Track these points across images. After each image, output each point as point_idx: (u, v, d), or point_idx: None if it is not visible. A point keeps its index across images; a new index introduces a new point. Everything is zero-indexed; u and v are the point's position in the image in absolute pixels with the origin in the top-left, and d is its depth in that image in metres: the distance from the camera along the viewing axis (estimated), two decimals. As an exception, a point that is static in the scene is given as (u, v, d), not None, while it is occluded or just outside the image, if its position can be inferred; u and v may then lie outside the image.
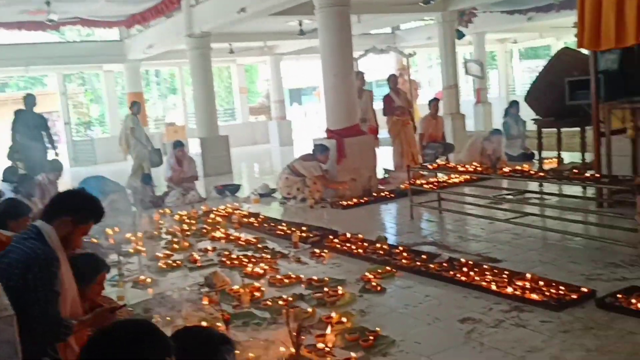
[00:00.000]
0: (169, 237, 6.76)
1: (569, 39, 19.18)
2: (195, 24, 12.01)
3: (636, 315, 3.42)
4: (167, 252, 6.02)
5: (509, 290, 3.96)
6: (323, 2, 8.22)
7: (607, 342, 3.16)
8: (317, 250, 5.55)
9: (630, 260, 4.42)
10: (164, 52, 15.06)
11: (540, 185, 7.34)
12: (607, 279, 4.14)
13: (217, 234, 6.61)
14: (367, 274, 4.68)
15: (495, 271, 4.37)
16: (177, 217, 7.78)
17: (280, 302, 4.14)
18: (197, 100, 12.88)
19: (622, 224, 4.97)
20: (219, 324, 3.72)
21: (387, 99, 9.76)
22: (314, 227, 6.46)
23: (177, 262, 5.58)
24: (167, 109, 23.67)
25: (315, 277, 4.70)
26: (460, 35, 13.30)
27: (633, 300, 3.56)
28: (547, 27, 17.92)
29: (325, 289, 4.35)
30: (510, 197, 6.70)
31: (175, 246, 6.20)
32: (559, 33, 20.00)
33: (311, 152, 8.29)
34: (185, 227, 7.03)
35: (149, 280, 5.00)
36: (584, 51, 6.73)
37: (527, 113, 9.40)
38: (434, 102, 10.44)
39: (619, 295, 3.66)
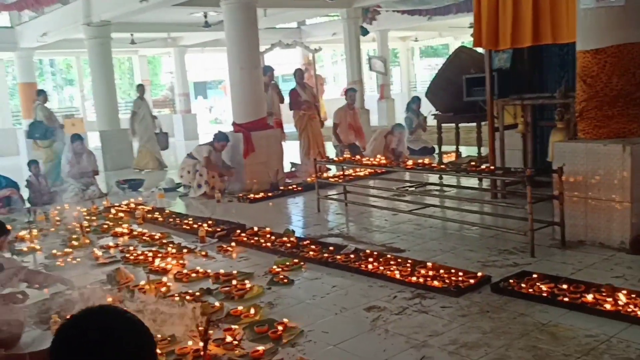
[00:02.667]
0: (67, 234, 6.44)
1: (466, 39, 20.13)
2: (94, 11, 11.49)
3: (526, 298, 3.66)
4: (66, 249, 5.74)
5: (412, 278, 4.11)
6: (229, -6, 8.13)
7: (501, 323, 3.37)
8: (224, 245, 5.50)
9: (521, 247, 4.72)
10: (60, 40, 14.29)
11: (440, 178, 7.68)
12: (500, 265, 4.40)
13: (120, 230, 6.38)
14: (274, 266, 4.69)
15: (399, 260, 4.52)
16: (76, 213, 7.42)
17: (188, 298, 4.06)
18: (96, 92, 12.33)
19: (514, 214, 5.29)
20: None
21: (293, 93, 9.80)
22: (221, 222, 6.39)
23: (77, 259, 5.33)
24: (62, 100, 22.48)
25: (222, 271, 4.65)
26: (365, 32, 13.61)
27: (523, 285, 3.81)
28: (445, 26, 18.71)
29: (233, 283, 4.32)
30: (412, 189, 6.94)
31: (75, 243, 5.92)
32: (457, 33, 20.96)
33: (212, 139, 8.34)
34: (85, 223, 6.73)
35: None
36: (480, 50, 7.08)
37: (427, 108, 9.78)
38: (350, 93, 10.55)
39: (511, 280, 3.91)
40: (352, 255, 4.77)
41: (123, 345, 1.43)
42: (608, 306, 3.38)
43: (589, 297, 3.51)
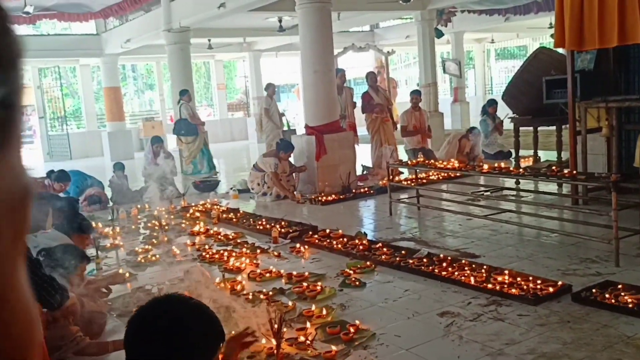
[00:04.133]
0: (147, 232, 6.70)
1: (545, 40, 19.47)
2: (175, 18, 11.92)
3: (610, 309, 3.49)
4: (146, 247, 5.97)
5: (487, 285, 4.01)
6: (303, -1, 8.23)
7: (582, 335, 3.23)
8: (296, 246, 5.56)
9: (605, 256, 4.51)
10: (142, 46, 14.91)
11: (517, 183, 7.46)
12: (582, 274, 4.22)
13: (196, 229, 6.58)
14: (346, 269, 4.70)
15: (474, 266, 4.42)
16: (155, 212, 7.72)
17: (261, 297, 4.13)
18: (175, 96, 12.77)
19: (597, 221, 5.06)
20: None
21: (365, 97, 9.80)
22: (294, 223, 6.47)
23: (156, 256, 5.54)
24: (143, 104, 23.45)
25: (295, 272, 4.71)
26: (439, 34, 13.41)
27: (607, 295, 3.64)
28: (524, 27, 18.16)
29: (305, 284, 4.36)
30: (487, 194, 6.77)
31: (154, 241, 6.16)
32: (535, 33, 20.29)
33: (275, 148, 8.45)
34: (163, 222, 6.98)
35: (127, 274, 4.95)
36: (560, 51, 6.83)
37: (504, 111, 9.52)
38: (414, 95, 10.46)
39: (593, 290, 3.74)
40: (424, 260, 4.71)
41: (190, 331, 1.48)
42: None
43: (680, 310, 3.31)
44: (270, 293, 4.23)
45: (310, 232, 5.92)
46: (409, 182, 7.78)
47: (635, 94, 6.42)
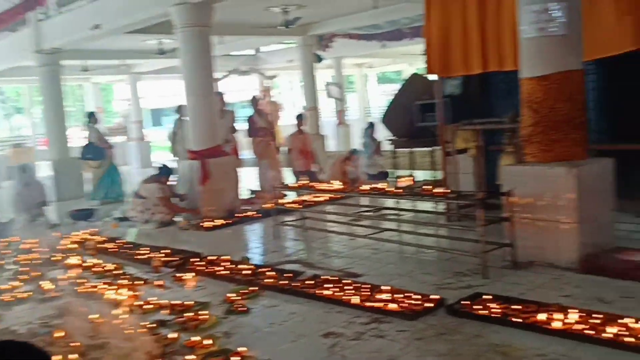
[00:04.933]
0: (16, 267, 6.23)
1: (420, 65, 20.59)
2: (45, 39, 11.31)
3: (480, 319, 3.73)
4: (13, 283, 5.55)
5: (369, 303, 4.13)
6: (183, 22, 8.13)
7: (456, 345, 3.41)
8: (179, 274, 5.42)
9: (475, 269, 4.80)
10: (9, 68, 13.98)
11: (397, 202, 7.77)
12: (455, 287, 4.47)
13: (72, 261, 6.22)
14: (231, 295, 4.65)
15: (356, 285, 4.54)
16: (26, 245, 7.20)
17: (142, 330, 3.97)
18: (47, 120, 12.08)
19: (468, 236, 5.39)
20: (71, 356, 3.50)
21: (251, 120, 9.83)
22: (177, 251, 6.30)
23: (25, 293, 5.16)
24: (12, 129, 21.94)
25: (178, 302, 4.58)
26: (319, 59, 13.78)
27: (477, 306, 3.88)
28: (399, 53, 19.11)
29: (189, 313, 4.25)
30: (369, 213, 7.00)
31: (24, 276, 5.73)
32: (411, 59, 21.41)
33: (156, 173, 8.29)
34: (34, 255, 6.52)
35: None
36: (432, 77, 7.27)
37: (383, 133, 9.93)
38: (299, 119, 10.66)
39: (465, 302, 3.97)
40: (309, 282, 4.76)
41: None
42: (558, 325, 3.46)
43: (540, 316, 3.59)
44: (152, 325, 4.07)
45: (194, 260, 5.79)
46: (294, 204, 7.86)
47: (498, 117, 6.95)
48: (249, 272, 5.21)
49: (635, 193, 6.21)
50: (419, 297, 4.14)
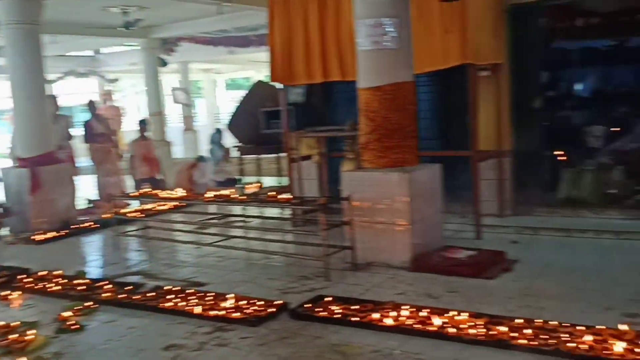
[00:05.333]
0: None
1: (267, 73, 20.84)
2: None
3: (321, 321, 3.84)
4: None
5: (212, 312, 4.08)
6: (9, 18, 7.47)
7: (297, 348, 3.47)
8: (4, 293, 4.94)
9: (318, 272, 4.94)
10: None
11: (244, 209, 7.78)
12: (298, 291, 4.56)
13: None
14: (64, 312, 4.33)
15: (200, 295, 4.45)
16: None
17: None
18: None
19: (312, 240, 5.53)
20: None
21: (87, 126, 9.28)
22: (2, 267, 5.74)
23: None
24: None
25: (2, 323, 4.17)
26: (164, 63, 13.41)
27: (318, 309, 3.99)
28: (246, 60, 19.18)
29: (14, 335, 3.89)
30: (213, 221, 6.93)
31: None
32: (259, 67, 21.58)
33: None
34: None
35: None
36: (277, 84, 7.38)
37: (231, 140, 9.89)
38: (142, 124, 10.27)
39: (307, 305, 4.07)
40: (150, 294, 4.59)
41: None
42: (391, 321, 3.67)
43: (376, 314, 3.78)
44: (-32, 352, 3.67)
45: (22, 276, 5.32)
46: (136, 213, 7.55)
47: (339, 125, 7.23)
48: (84, 287, 4.90)
49: (460, 196, 6.80)
50: (263, 303, 4.16)
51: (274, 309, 4.06)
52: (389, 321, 3.68)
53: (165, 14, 11.19)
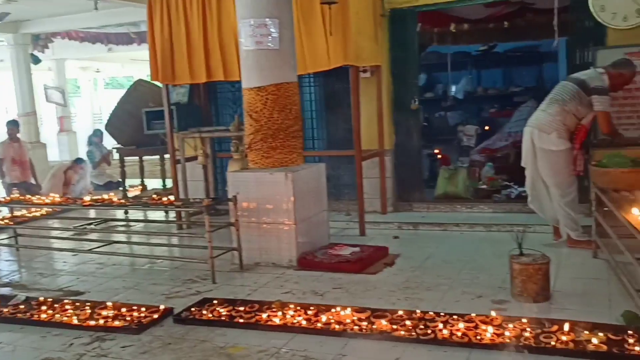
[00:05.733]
0: None
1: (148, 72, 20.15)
2: None
3: (207, 324, 3.78)
4: None
5: (90, 322, 3.89)
6: None
7: (181, 354, 3.39)
8: None
9: (204, 275, 4.86)
10: None
11: (126, 213, 7.49)
12: (184, 295, 4.46)
13: None
14: None
15: (77, 304, 4.23)
16: None
17: None
18: None
19: (198, 243, 5.44)
20: None
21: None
22: None
23: None
24: None
25: None
26: (36, 61, 12.59)
27: (204, 312, 3.93)
28: (127, 58, 18.45)
29: None
30: (94, 226, 6.61)
31: None
32: (140, 65, 20.83)
33: None
34: None
35: None
36: (159, 84, 7.18)
37: (112, 141, 9.46)
38: (11, 125, 9.55)
39: (192, 309, 3.99)
40: (22, 306, 4.29)
41: None
42: (277, 320, 3.69)
43: (263, 315, 3.79)
44: None
45: None
46: (5, 221, 7.01)
47: (225, 125, 7.17)
48: (-55, 302, 4.48)
49: (344, 194, 6.99)
50: (145, 309, 4.03)
51: (157, 315, 3.94)
52: (275, 321, 3.69)
53: (37, 8, 10.50)
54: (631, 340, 3.08)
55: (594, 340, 3.09)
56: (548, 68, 12.45)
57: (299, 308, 3.85)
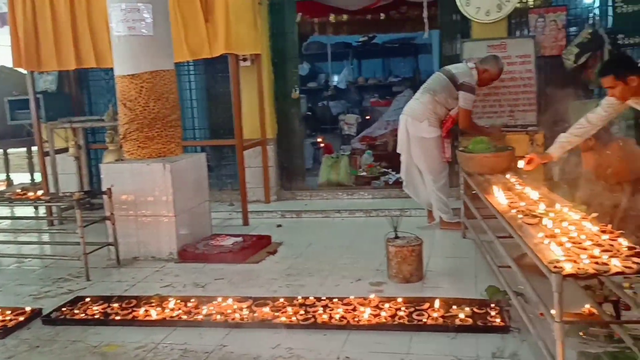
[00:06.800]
0: None
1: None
2: None
3: (80, 323, 3.59)
4: None
5: (-53, 329, 3.57)
6: None
7: (52, 356, 3.21)
8: None
9: (77, 273, 4.62)
10: None
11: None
12: (54, 294, 4.21)
13: None
14: None
15: None
16: None
17: None
18: None
19: (70, 240, 5.14)
20: None
21: None
22: None
23: None
24: None
25: None
26: None
27: (77, 311, 3.74)
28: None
29: None
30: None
31: None
32: (2, 50, 19.28)
33: None
34: None
35: None
36: (22, 71, 6.68)
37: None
38: None
39: (64, 309, 3.78)
40: None
41: None
42: (155, 315, 3.59)
43: (140, 310, 3.66)
44: None
45: None
46: None
47: (98, 115, 6.82)
48: None
49: (227, 184, 6.93)
50: (10, 312, 3.76)
51: (24, 317, 3.69)
52: (153, 315, 3.59)
53: None
54: (493, 313, 3.32)
55: (461, 315, 3.30)
56: (423, 59, 13.06)
57: (178, 301, 3.77)
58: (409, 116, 5.28)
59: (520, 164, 4.16)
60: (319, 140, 8.73)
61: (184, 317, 3.56)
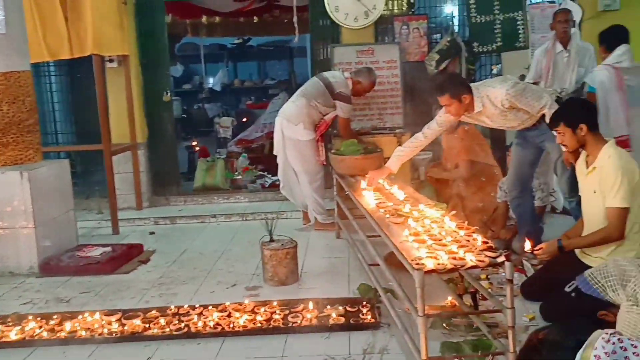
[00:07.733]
0: None
1: None
2: None
3: None
4: None
5: None
6: None
7: None
8: None
9: None
10: None
11: None
12: None
13: None
14: None
15: None
16: None
17: None
18: None
19: None
20: None
21: None
22: None
23: None
24: None
25: None
26: None
27: None
28: None
29: None
30: None
31: None
32: None
33: None
34: None
35: None
36: None
37: None
38: None
39: None
40: None
41: None
42: (13, 336, 3.32)
43: (-6, 332, 3.38)
44: None
45: None
46: None
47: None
48: None
49: (95, 191, 6.58)
50: None
51: None
52: (11, 336, 3.32)
53: None
54: (365, 310, 3.43)
55: (334, 314, 3.38)
56: (298, 62, 13.25)
57: (39, 319, 3.52)
58: (285, 119, 5.31)
59: (363, 184, 4.30)
60: (194, 143, 8.55)
61: (45, 335, 3.33)
